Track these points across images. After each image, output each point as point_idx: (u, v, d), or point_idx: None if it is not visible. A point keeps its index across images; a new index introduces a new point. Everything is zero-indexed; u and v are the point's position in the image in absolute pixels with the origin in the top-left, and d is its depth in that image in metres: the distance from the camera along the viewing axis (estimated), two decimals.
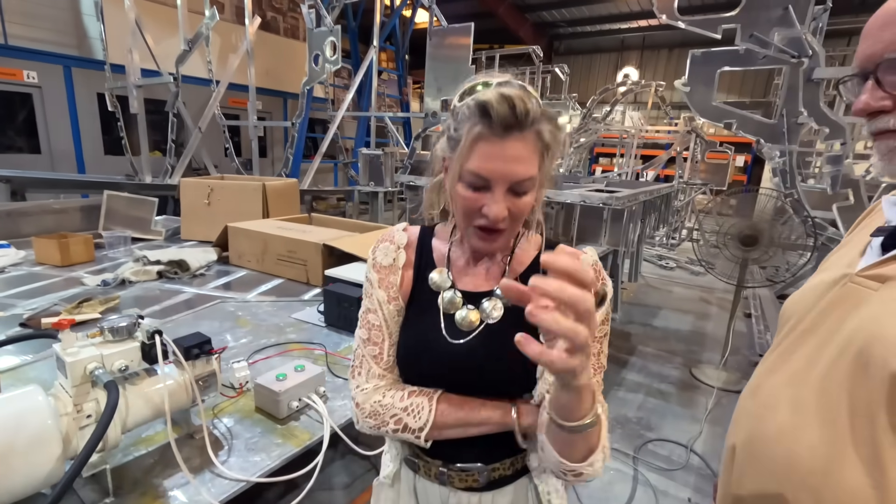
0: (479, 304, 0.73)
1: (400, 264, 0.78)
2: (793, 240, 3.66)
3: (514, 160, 0.62)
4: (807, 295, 0.67)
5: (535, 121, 0.61)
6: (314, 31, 4.20)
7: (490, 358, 0.71)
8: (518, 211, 0.65)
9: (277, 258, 2.18)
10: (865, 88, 0.58)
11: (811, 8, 2.32)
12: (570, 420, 0.54)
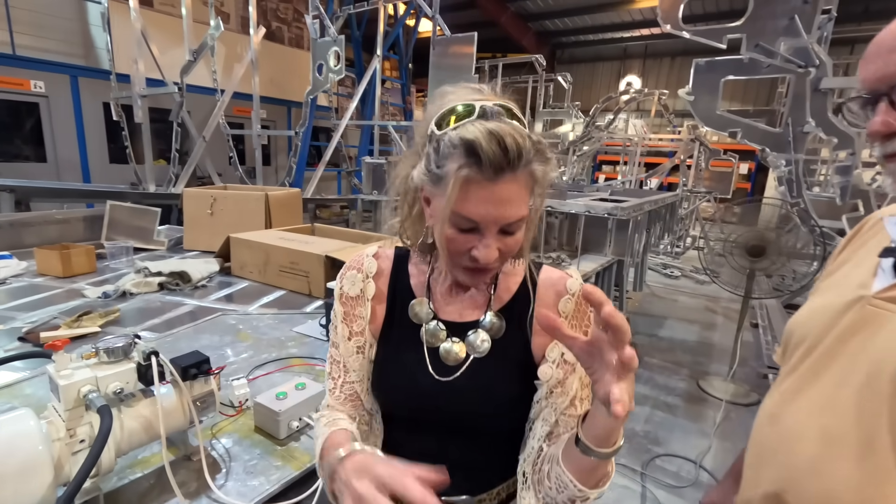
0: (463, 336, 0.69)
1: (369, 296, 0.72)
2: (799, 248, 3.62)
3: (506, 203, 0.57)
4: (817, 316, 0.65)
5: (528, 161, 0.57)
6: (318, 42, 4.22)
7: (480, 394, 0.67)
8: (508, 250, 0.62)
9: (279, 269, 2.16)
10: (879, 110, 0.57)
11: (817, 17, 2.31)
12: (605, 447, 0.54)
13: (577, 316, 0.69)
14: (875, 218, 0.72)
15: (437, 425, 0.69)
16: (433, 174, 0.60)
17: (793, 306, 4.94)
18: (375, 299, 0.73)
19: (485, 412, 0.68)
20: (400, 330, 0.72)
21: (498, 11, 11.79)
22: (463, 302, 0.71)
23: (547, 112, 7.96)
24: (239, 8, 7.83)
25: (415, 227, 0.70)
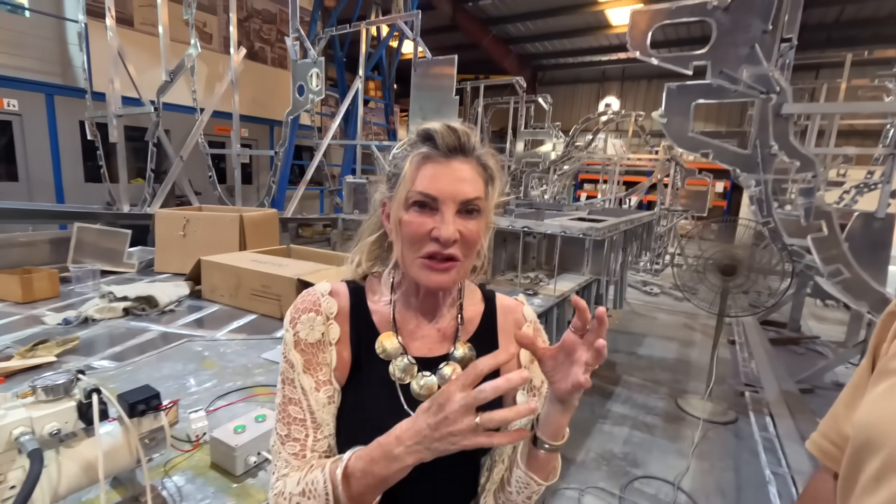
0: (433, 370, 0.68)
1: (333, 339, 0.66)
2: (773, 265, 3.71)
3: (461, 180, 0.61)
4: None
5: (478, 151, 0.64)
6: (298, 63, 4.24)
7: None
8: (468, 235, 0.62)
9: (251, 293, 2.12)
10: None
11: (777, 47, 2.41)
12: (557, 439, 0.62)
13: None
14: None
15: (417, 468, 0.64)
16: (392, 177, 0.65)
17: (769, 322, 5.04)
18: (340, 343, 0.67)
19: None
20: (368, 371, 0.67)
21: (480, 34, 12.07)
22: (431, 337, 0.70)
23: (528, 132, 8.10)
24: (222, 28, 7.85)
25: (372, 250, 0.71)
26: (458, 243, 0.61)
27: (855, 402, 0.59)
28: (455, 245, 0.61)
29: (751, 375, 3.65)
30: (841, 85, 6.23)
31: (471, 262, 0.66)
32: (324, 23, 8.35)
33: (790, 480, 2.29)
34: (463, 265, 0.64)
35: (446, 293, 0.71)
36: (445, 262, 0.62)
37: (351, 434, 0.65)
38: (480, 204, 0.63)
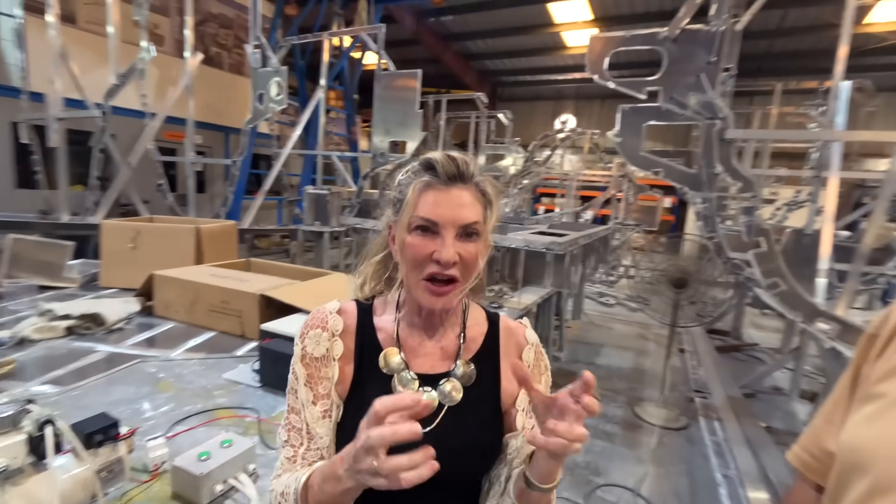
0: (435, 386, 0.70)
1: (336, 355, 0.71)
2: (716, 276, 3.96)
3: (461, 206, 0.66)
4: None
5: (476, 178, 0.68)
6: (259, 71, 4.15)
7: (456, 442, 0.68)
8: (467, 257, 0.66)
9: (209, 309, 2.03)
10: None
11: (720, 76, 2.61)
12: (548, 483, 0.62)
13: (536, 364, 0.76)
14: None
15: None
16: (396, 203, 0.69)
17: (714, 331, 5.35)
18: (343, 359, 0.71)
19: (463, 460, 0.69)
20: (371, 385, 0.70)
21: (441, 49, 12.27)
22: (434, 354, 0.73)
23: (489, 147, 8.27)
24: (174, 31, 7.56)
25: (377, 269, 0.77)
26: (457, 265, 0.65)
27: (834, 418, 0.63)
28: (455, 267, 0.65)
29: (699, 382, 3.85)
30: (772, 111, 6.80)
31: (469, 284, 0.69)
32: (284, 31, 8.22)
33: (738, 482, 2.43)
34: (461, 287, 0.67)
35: (450, 314, 0.74)
36: (446, 286, 0.66)
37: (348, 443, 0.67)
38: (479, 227, 0.67)
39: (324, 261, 4.60)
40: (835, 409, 0.64)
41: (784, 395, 3.75)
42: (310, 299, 1.89)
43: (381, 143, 4.51)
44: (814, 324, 2.41)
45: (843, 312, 2.55)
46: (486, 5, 10.19)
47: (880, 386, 0.56)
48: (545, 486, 0.62)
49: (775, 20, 9.67)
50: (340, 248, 5.39)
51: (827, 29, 9.19)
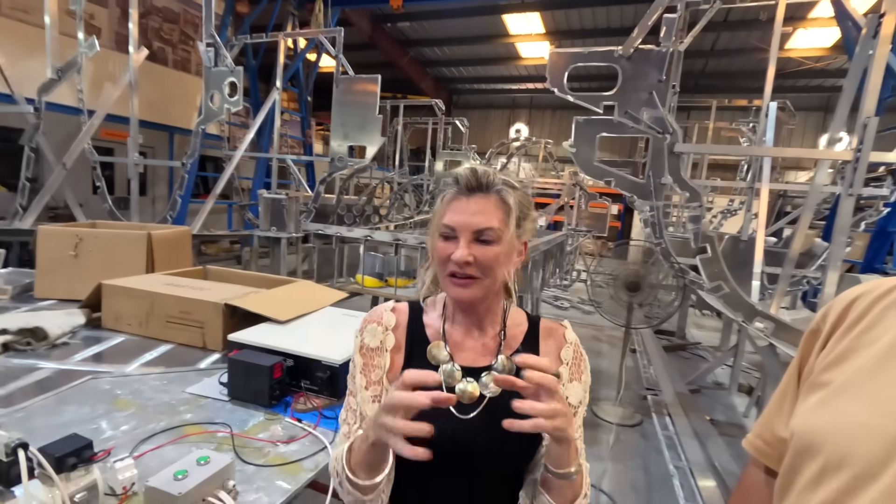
0: (477, 378, 0.76)
1: (388, 346, 0.82)
2: (661, 280, 4.21)
3: (477, 213, 0.74)
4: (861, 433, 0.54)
5: (497, 187, 0.76)
6: (212, 70, 3.97)
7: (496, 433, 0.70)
8: (483, 258, 0.74)
9: (167, 320, 1.92)
10: None
11: (669, 94, 2.81)
12: (561, 468, 0.66)
13: (575, 362, 0.82)
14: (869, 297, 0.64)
15: (449, 463, 0.75)
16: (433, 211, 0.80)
17: (662, 332, 5.68)
18: (394, 350, 0.82)
19: (502, 449, 0.75)
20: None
21: (398, 55, 12.27)
22: (476, 349, 0.81)
23: (447, 153, 8.35)
24: (113, 23, 7.08)
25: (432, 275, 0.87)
26: (472, 265, 0.74)
27: (783, 406, 0.70)
28: (470, 266, 0.74)
29: (651, 380, 4.08)
30: (709, 126, 7.34)
31: (493, 282, 0.77)
32: (235, 29, 7.92)
33: (689, 473, 2.60)
34: (482, 283, 0.76)
35: (487, 312, 0.82)
36: (465, 279, 0.75)
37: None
38: (495, 233, 0.74)
39: (281, 267, 4.46)
40: (783, 399, 0.71)
41: (724, 389, 4.05)
42: (279, 308, 1.84)
43: (339, 147, 4.45)
44: (752, 323, 2.63)
45: (775, 311, 2.80)
46: (443, 13, 10.33)
47: (825, 375, 0.62)
48: (559, 470, 0.67)
49: (709, 42, 10.47)
50: (298, 255, 5.24)
51: (752, 52, 10.08)
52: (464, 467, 0.76)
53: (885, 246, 5.11)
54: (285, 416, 1.37)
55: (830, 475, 0.55)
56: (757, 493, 0.73)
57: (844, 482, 0.53)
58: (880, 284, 0.63)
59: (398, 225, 6.80)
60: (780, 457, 0.67)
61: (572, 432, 0.64)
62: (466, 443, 0.74)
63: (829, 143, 2.81)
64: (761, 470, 0.74)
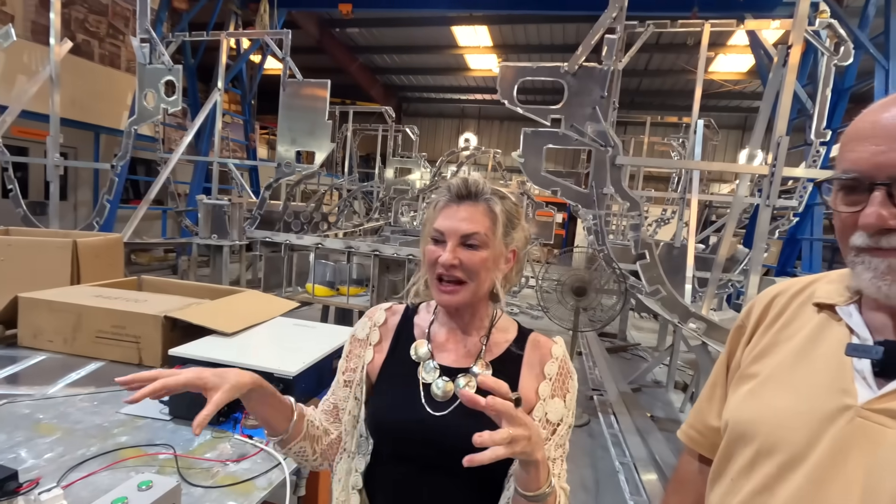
0: (454, 378, 0.79)
1: (372, 342, 0.89)
2: (603, 284, 4.43)
3: (465, 220, 0.78)
4: (788, 422, 0.58)
5: (486, 196, 0.80)
6: (147, 68, 3.73)
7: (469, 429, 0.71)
8: (469, 262, 0.77)
9: (97, 336, 1.76)
10: (874, 200, 0.51)
11: (610, 109, 2.98)
12: (530, 490, 0.66)
13: (559, 378, 0.82)
14: (786, 295, 0.68)
15: (422, 458, 0.79)
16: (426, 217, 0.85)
17: (605, 334, 5.96)
18: (378, 346, 0.89)
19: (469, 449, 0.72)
20: (400, 369, 0.85)
21: (347, 60, 12.12)
22: (458, 351, 0.84)
23: (397, 160, 8.33)
24: (29, 11, 6.47)
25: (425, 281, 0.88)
26: (458, 268, 0.77)
27: (713, 399, 0.75)
28: (456, 269, 0.77)
29: (596, 381, 4.27)
30: (644, 140, 7.85)
31: (479, 287, 0.79)
32: (171, 25, 7.49)
33: (633, 468, 2.74)
34: (468, 287, 0.79)
35: (473, 316, 0.85)
36: (451, 285, 0.78)
37: (377, 413, 0.84)
38: (480, 238, 0.77)
39: (223, 277, 4.23)
40: (713, 391, 0.77)
41: (662, 387, 4.31)
42: (225, 319, 1.74)
43: (286, 152, 4.33)
44: (686, 323, 2.83)
45: (706, 312, 3.03)
46: (393, 22, 10.35)
47: (752, 367, 0.66)
48: (527, 493, 0.66)
49: (644, 62, 11.22)
50: (242, 264, 5.00)
51: (681, 73, 10.94)
52: (439, 465, 0.77)
53: (795, 251, 5.68)
54: (234, 434, 1.30)
55: (763, 461, 0.59)
56: (691, 481, 0.79)
57: (775, 467, 0.57)
58: (794, 284, 0.69)
59: (348, 232, 6.68)
60: (711, 445, 0.73)
61: (539, 455, 0.62)
62: (439, 440, 0.76)
63: (748, 159, 3.10)
64: (695, 458, 0.80)
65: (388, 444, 0.82)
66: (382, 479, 0.84)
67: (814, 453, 0.55)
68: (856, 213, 0.54)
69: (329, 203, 9.64)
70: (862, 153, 0.53)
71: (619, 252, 4.96)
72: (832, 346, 0.59)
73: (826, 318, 0.62)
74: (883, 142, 0.51)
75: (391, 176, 8.28)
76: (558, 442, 0.79)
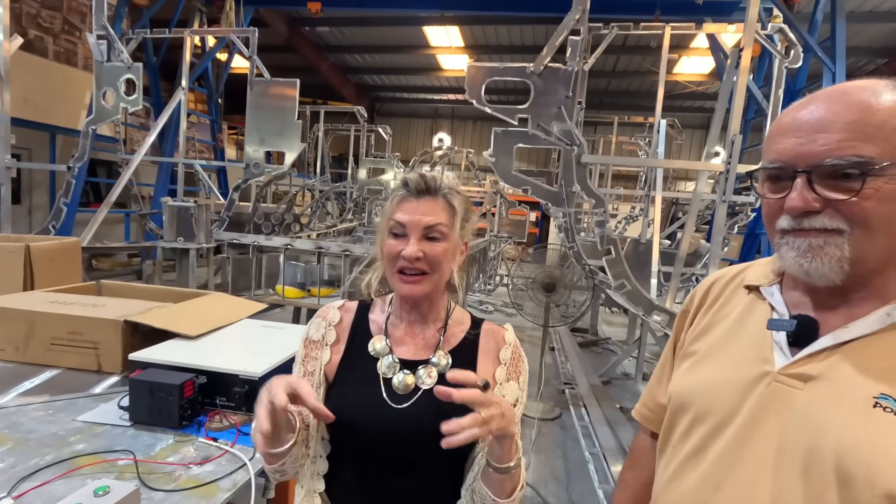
0: (414, 370, 0.81)
1: (329, 341, 0.87)
2: (575, 281, 4.53)
3: (426, 213, 0.80)
4: (718, 391, 0.64)
5: (444, 191, 0.82)
6: (105, 65, 3.60)
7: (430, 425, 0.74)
8: (432, 254, 0.79)
9: (51, 343, 1.70)
10: (796, 187, 0.57)
11: (576, 109, 3.06)
12: (502, 462, 0.70)
13: (513, 362, 0.86)
14: (723, 280, 0.74)
15: (386, 453, 0.79)
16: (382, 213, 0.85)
17: (577, 329, 6.08)
18: (334, 345, 0.87)
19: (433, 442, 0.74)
20: (358, 367, 0.84)
21: (318, 60, 11.96)
22: (416, 344, 0.85)
23: (370, 160, 8.29)
24: None
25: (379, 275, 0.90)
26: (422, 261, 0.78)
27: (663, 378, 0.81)
28: (420, 262, 0.78)
29: (568, 375, 4.36)
30: (612, 140, 8.05)
31: (440, 277, 0.81)
32: (131, 21, 7.23)
33: (602, 458, 2.81)
34: (430, 279, 0.80)
35: (430, 308, 0.87)
36: (415, 276, 0.79)
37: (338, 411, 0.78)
38: (442, 230, 0.79)
39: (190, 281, 4.12)
40: (662, 371, 0.82)
41: (631, 379, 4.43)
42: (189, 322, 1.71)
43: (255, 152, 4.26)
44: (651, 316, 2.93)
45: (670, 305, 3.14)
46: (363, 21, 10.28)
47: (693, 346, 0.73)
48: (500, 465, 0.71)
49: (611, 63, 11.50)
50: (210, 267, 4.88)
51: (646, 74, 11.25)
52: (403, 457, 0.79)
53: (754, 245, 5.93)
54: (198, 437, 1.28)
55: (698, 426, 0.65)
56: (645, 456, 0.84)
57: (707, 430, 0.64)
58: (731, 270, 0.76)
59: (321, 234, 6.60)
60: (661, 421, 0.78)
61: (514, 428, 0.67)
62: (403, 432, 0.78)
63: (706, 157, 3.23)
64: (648, 435, 0.85)
65: (351, 443, 0.82)
66: (345, 480, 0.83)
67: (738, 416, 0.61)
68: (781, 199, 0.59)
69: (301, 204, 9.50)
70: (786, 145, 0.58)
71: (589, 249, 5.07)
72: (757, 322, 0.65)
73: (754, 298, 0.68)
74: (803, 135, 0.57)
75: (364, 176, 8.23)
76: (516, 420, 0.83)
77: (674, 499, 0.66)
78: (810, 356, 0.58)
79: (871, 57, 9.67)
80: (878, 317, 0.55)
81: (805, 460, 0.54)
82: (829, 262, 0.56)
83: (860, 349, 0.56)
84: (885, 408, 0.52)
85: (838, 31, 5.12)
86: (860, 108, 0.54)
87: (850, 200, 0.54)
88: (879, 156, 0.52)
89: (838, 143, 0.54)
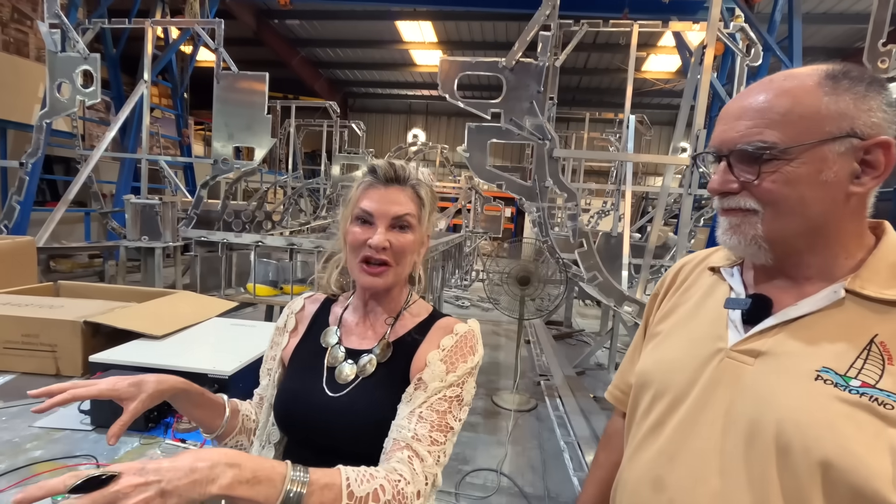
0: (357, 360, 0.81)
1: (289, 328, 0.91)
2: (549, 275, 4.59)
3: (394, 202, 0.79)
4: (676, 368, 0.67)
5: (412, 181, 0.82)
6: (59, 56, 3.43)
7: (360, 409, 0.77)
8: (399, 245, 0.78)
9: (4, 346, 1.61)
10: (719, 169, 0.62)
11: (547, 104, 3.09)
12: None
13: (453, 350, 0.79)
14: (691, 264, 0.77)
15: (318, 441, 0.79)
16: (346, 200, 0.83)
17: (552, 322, 6.18)
18: (293, 332, 0.91)
19: (365, 429, 0.76)
20: (308, 355, 0.86)
21: (288, 54, 11.70)
22: (365, 334, 0.85)
23: (343, 157, 8.17)
24: None
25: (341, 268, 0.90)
26: (388, 251, 0.77)
27: (633, 360, 0.83)
28: (386, 252, 0.77)
29: (543, 367, 4.42)
30: (584, 135, 8.18)
31: (403, 269, 0.81)
32: (87, 10, 6.89)
33: (577, 446, 2.87)
34: (394, 270, 0.80)
35: (387, 300, 0.86)
36: (378, 267, 0.78)
37: (281, 397, 0.85)
38: (410, 220, 0.79)
39: (156, 281, 3.98)
40: (633, 353, 0.85)
41: (604, 369, 4.53)
42: (153, 322, 1.65)
43: (223, 148, 4.14)
44: (622, 307, 3.00)
45: (640, 296, 3.23)
46: (334, 14, 10.11)
47: (658, 327, 0.77)
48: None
49: (583, 60, 11.67)
50: (177, 266, 4.72)
51: (616, 71, 11.48)
52: (335, 444, 0.78)
53: None
54: (165, 439, 1.24)
55: (658, 402, 0.68)
56: (617, 437, 0.87)
57: (665, 406, 0.67)
58: (699, 255, 0.79)
59: (294, 231, 6.48)
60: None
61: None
62: (333, 420, 0.77)
63: (672, 152, 3.32)
64: (619, 416, 0.88)
65: (291, 430, 0.84)
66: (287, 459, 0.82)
67: (693, 391, 0.64)
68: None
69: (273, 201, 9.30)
70: (717, 132, 0.63)
71: (563, 242, 5.16)
72: (717, 301, 0.68)
73: (716, 279, 0.71)
74: (728, 122, 0.61)
75: (338, 173, 8.11)
76: (429, 404, 0.74)
77: (635, 473, 0.69)
78: (761, 332, 0.61)
79: (827, 56, 10.14)
80: (825, 294, 0.58)
81: (748, 431, 0.57)
82: (744, 240, 0.60)
83: (809, 325, 0.58)
84: (825, 380, 0.54)
85: (795, 31, 5.35)
86: (773, 95, 0.58)
87: (754, 182, 0.58)
88: (783, 140, 0.56)
89: (747, 129, 0.58)
